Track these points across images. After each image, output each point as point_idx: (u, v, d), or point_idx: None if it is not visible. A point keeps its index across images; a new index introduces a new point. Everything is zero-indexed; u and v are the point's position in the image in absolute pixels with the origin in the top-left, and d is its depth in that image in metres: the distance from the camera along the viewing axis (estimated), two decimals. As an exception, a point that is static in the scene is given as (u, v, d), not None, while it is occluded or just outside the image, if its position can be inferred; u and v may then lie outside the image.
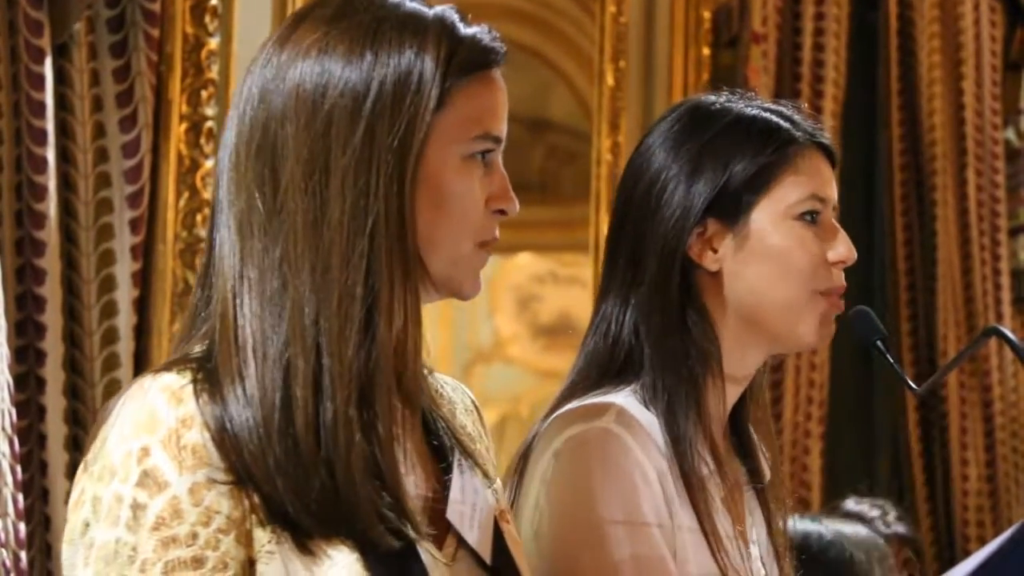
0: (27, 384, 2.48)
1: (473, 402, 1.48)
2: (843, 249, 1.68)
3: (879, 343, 1.77)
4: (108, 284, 2.57)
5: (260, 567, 1.25)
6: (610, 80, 3.54)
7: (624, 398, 1.64)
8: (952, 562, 3.34)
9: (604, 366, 1.68)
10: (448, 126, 1.32)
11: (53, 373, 2.49)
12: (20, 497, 2.30)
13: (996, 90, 4.22)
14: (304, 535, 1.25)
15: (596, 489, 1.56)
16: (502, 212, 1.36)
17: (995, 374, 4.11)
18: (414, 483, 1.33)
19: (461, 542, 1.35)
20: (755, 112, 1.70)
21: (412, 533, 1.28)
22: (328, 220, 1.28)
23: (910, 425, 4.02)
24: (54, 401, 2.49)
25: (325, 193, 1.28)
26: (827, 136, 1.72)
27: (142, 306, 2.62)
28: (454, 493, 1.35)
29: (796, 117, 1.71)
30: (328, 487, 1.25)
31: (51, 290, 2.49)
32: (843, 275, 1.70)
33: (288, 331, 1.27)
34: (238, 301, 1.28)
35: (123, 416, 1.26)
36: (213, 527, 1.24)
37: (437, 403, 1.41)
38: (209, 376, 1.27)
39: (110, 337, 2.57)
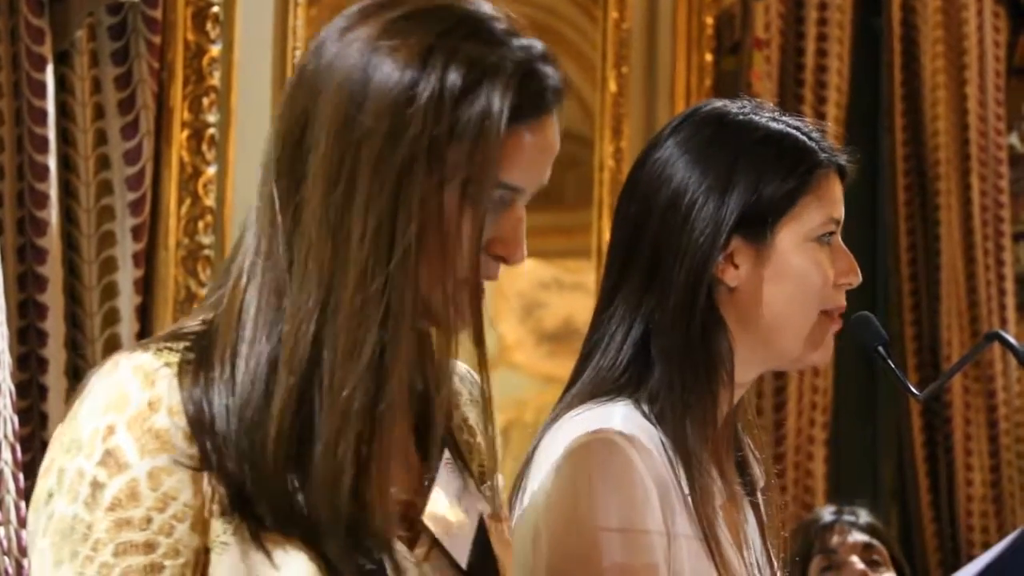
0: (29, 391, 2.49)
1: (482, 391, 1.41)
2: (852, 273, 1.70)
3: (880, 349, 1.77)
4: (110, 291, 2.58)
5: (213, 557, 1.24)
6: (613, 86, 3.54)
7: (624, 408, 1.64)
8: (956, 567, 3.34)
9: (607, 375, 1.67)
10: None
11: (55, 380, 2.49)
12: (23, 505, 2.30)
13: (1000, 96, 4.22)
14: (263, 528, 1.24)
15: (595, 498, 1.56)
16: (503, 259, 1.30)
17: (999, 380, 4.11)
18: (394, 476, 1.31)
19: (436, 542, 1.33)
20: (782, 128, 1.70)
21: (379, 554, 1.26)
22: (349, 241, 1.24)
23: (914, 430, 4.02)
24: (56, 409, 2.49)
25: (347, 213, 1.24)
26: (845, 157, 1.73)
27: (144, 313, 2.62)
28: (434, 495, 1.33)
29: (816, 135, 1.72)
30: (295, 494, 1.23)
31: (53, 297, 2.49)
32: (844, 294, 1.72)
33: (285, 336, 1.25)
34: (245, 291, 1.27)
35: (95, 391, 1.26)
36: (169, 513, 1.23)
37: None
38: (201, 353, 1.26)
39: (112, 344, 2.57)
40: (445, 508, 1.34)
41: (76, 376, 2.55)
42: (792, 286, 1.67)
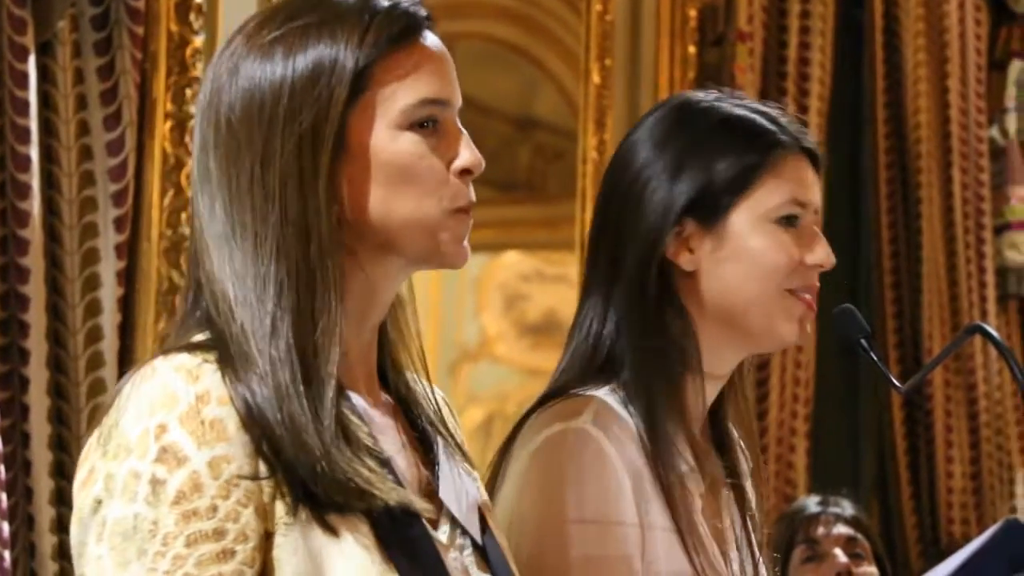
0: (10, 383, 2.48)
1: (443, 398, 1.49)
2: (822, 253, 1.68)
3: (863, 341, 1.77)
4: (92, 282, 2.57)
5: (277, 539, 1.26)
6: (596, 78, 3.54)
7: (603, 395, 1.65)
8: (936, 560, 3.35)
9: (586, 364, 1.68)
10: (375, 104, 1.33)
11: (37, 372, 2.49)
12: (3, 496, 2.29)
13: (981, 88, 4.23)
14: (320, 507, 1.27)
15: (568, 490, 1.57)
16: (467, 172, 1.36)
17: (980, 372, 4.12)
18: (406, 466, 1.36)
19: (454, 525, 1.37)
20: (741, 112, 1.69)
21: (408, 501, 1.30)
22: (243, 224, 1.32)
23: (895, 423, 4.03)
24: (38, 400, 2.49)
25: (240, 202, 1.32)
26: (812, 141, 1.72)
27: (127, 304, 2.62)
28: (443, 476, 1.38)
29: (782, 120, 1.71)
30: (318, 459, 1.28)
31: (35, 289, 2.48)
32: (817, 277, 1.70)
33: (297, 322, 1.30)
34: (215, 296, 1.32)
35: (137, 396, 1.28)
36: (233, 500, 1.25)
37: (417, 396, 1.43)
38: (225, 357, 1.30)
39: (94, 336, 2.56)
40: (454, 489, 1.38)
41: (58, 368, 2.54)
42: (747, 266, 1.66)
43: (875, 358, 1.77)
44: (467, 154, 1.35)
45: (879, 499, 4.05)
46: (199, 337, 1.33)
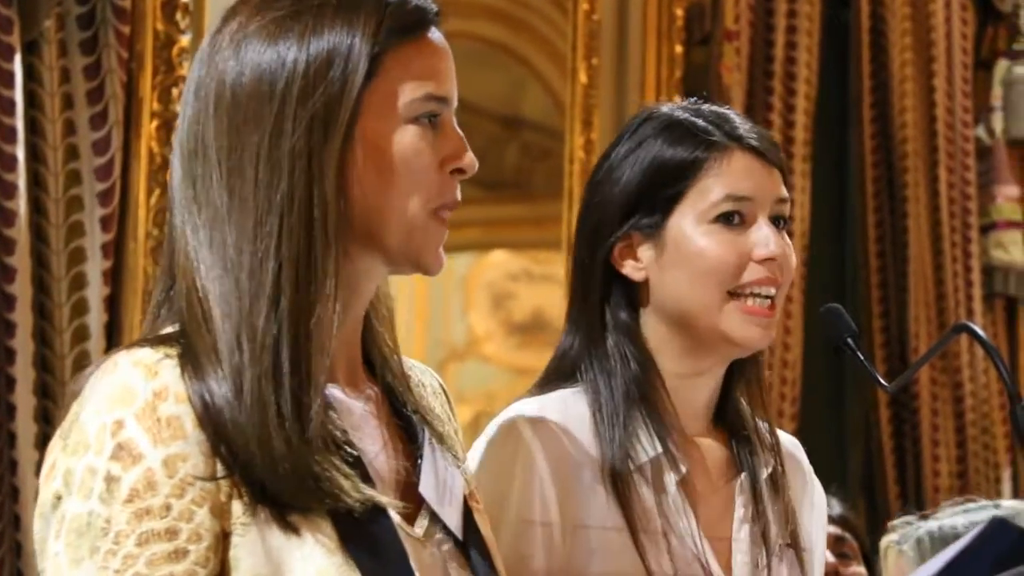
0: (-4, 382, 2.48)
1: (441, 385, 1.49)
2: (772, 246, 1.65)
3: (849, 340, 1.77)
4: (79, 282, 2.57)
5: (235, 539, 1.25)
6: (583, 77, 3.54)
7: (563, 393, 1.66)
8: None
9: (559, 365, 1.70)
10: (383, 94, 1.32)
11: (23, 371, 2.48)
12: (-10, 496, 2.29)
13: (967, 88, 4.24)
14: (280, 507, 1.25)
15: (486, 481, 1.57)
16: (460, 171, 1.35)
17: (966, 371, 4.13)
18: (386, 459, 1.35)
19: (433, 520, 1.36)
20: (681, 117, 1.68)
21: (374, 495, 1.29)
22: (243, 199, 1.29)
23: (882, 421, 4.04)
24: (24, 400, 2.48)
25: (242, 176, 1.29)
26: (754, 137, 1.68)
27: (113, 304, 2.62)
28: (426, 469, 1.36)
29: (730, 119, 1.68)
30: (282, 458, 1.26)
31: (21, 288, 2.48)
32: (772, 269, 1.66)
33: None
34: (206, 302, 1.30)
35: (97, 391, 1.27)
36: (187, 499, 1.24)
37: (407, 385, 1.42)
38: (188, 352, 1.28)
39: (81, 335, 2.56)
40: (436, 483, 1.37)
41: (44, 367, 2.54)
42: (689, 270, 1.65)
43: (861, 357, 1.77)
44: (466, 156, 1.35)
45: (866, 498, 4.06)
46: (168, 330, 1.31)
